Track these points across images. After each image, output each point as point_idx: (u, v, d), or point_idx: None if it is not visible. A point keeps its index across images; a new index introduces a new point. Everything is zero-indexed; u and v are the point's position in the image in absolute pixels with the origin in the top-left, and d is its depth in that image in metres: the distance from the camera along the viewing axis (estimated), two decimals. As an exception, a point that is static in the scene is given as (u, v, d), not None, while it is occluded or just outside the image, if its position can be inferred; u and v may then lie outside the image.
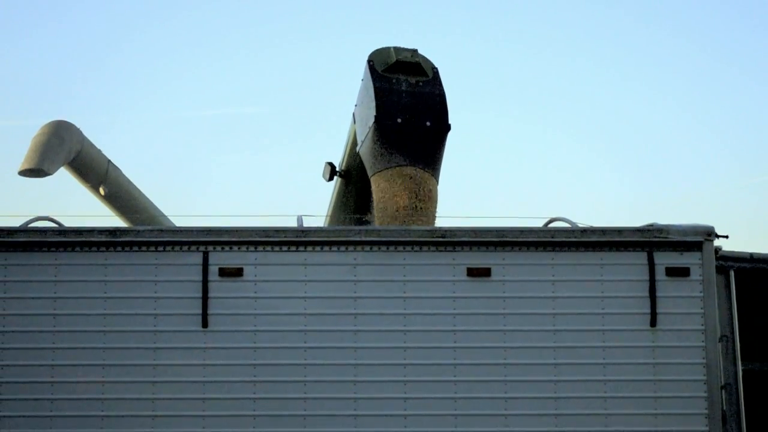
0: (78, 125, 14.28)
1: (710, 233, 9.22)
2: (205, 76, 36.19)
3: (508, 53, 34.63)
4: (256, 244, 9.07)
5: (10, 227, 9.13)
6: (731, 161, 34.59)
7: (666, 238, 9.19)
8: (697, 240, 9.21)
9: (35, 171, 13.64)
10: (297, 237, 9.10)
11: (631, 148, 34.85)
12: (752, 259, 12.30)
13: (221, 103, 36.06)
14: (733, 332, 9.57)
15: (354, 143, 11.92)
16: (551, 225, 9.73)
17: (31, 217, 9.43)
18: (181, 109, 35.57)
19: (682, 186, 33.69)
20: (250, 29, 35.68)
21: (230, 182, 34.23)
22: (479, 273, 9.11)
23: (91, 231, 9.07)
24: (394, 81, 10.92)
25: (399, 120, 10.70)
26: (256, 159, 34.98)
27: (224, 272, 9.04)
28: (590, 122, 34.52)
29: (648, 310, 9.10)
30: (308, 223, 9.43)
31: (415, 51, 11.14)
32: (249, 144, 35.45)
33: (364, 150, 11.17)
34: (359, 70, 11.30)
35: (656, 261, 9.16)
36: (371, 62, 11.04)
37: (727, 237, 9.31)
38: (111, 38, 35.26)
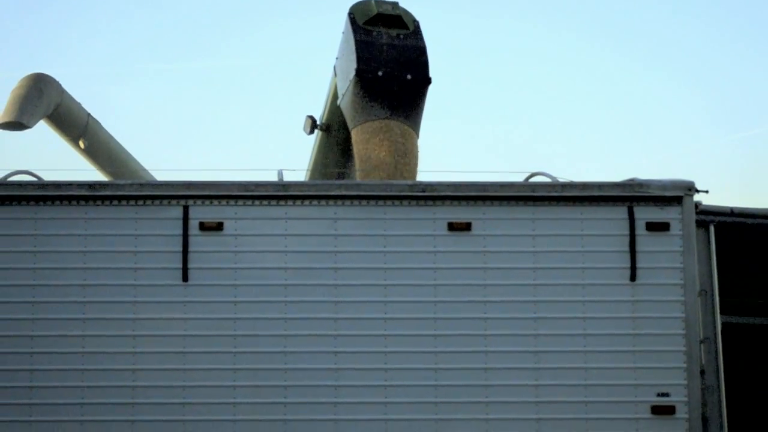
0: (57, 78, 14.21)
1: (690, 188, 9.23)
2: (183, 27, 35.95)
3: (492, 6, 34.47)
4: (236, 198, 9.04)
5: (-11, 181, 9.09)
6: (712, 117, 34.65)
7: (646, 192, 9.20)
8: (677, 195, 9.22)
9: (14, 124, 13.57)
10: (277, 191, 9.07)
11: (613, 103, 34.86)
12: (732, 213, 12.35)
13: (202, 55, 35.88)
14: (712, 286, 9.59)
15: (335, 96, 11.89)
16: (532, 179, 9.72)
17: (10, 171, 9.38)
18: (160, 62, 35.36)
19: (663, 141, 33.73)
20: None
21: (211, 136, 34.13)
22: (460, 227, 9.11)
23: (70, 185, 9.02)
24: (375, 34, 10.88)
25: (380, 73, 10.68)
26: (237, 112, 34.85)
27: (204, 226, 9.01)
28: (572, 77, 34.48)
29: (628, 265, 9.12)
30: (289, 177, 9.39)
31: (396, 4, 11.09)
32: (229, 97, 35.30)
33: (344, 103, 11.14)
34: (340, 23, 11.25)
35: (636, 216, 9.18)
36: (352, 15, 10.98)
37: (707, 192, 9.33)
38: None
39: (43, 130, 14.62)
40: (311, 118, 13.36)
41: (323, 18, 33.35)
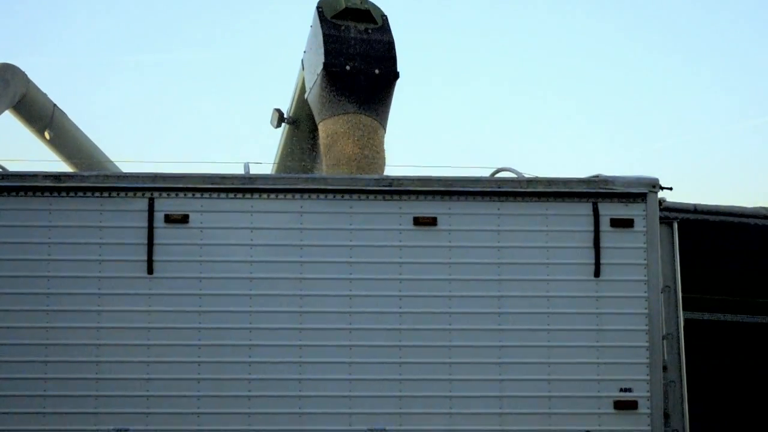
0: (23, 68, 14.14)
1: (655, 185, 9.29)
2: (149, 20, 35.79)
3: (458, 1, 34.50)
4: (202, 190, 9.03)
5: (-48, 171, 9.03)
6: (676, 115, 34.81)
7: (611, 189, 9.26)
8: (641, 191, 9.28)
9: (-21, 114, 13.50)
10: (243, 184, 9.07)
11: (579, 99, 35.00)
12: (696, 210, 12.48)
13: (169, 47, 35.73)
14: (675, 283, 9.66)
15: (302, 90, 11.89)
16: (498, 175, 9.75)
17: (-26, 162, 9.34)
18: (126, 53, 35.18)
19: (628, 139, 33.89)
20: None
21: (177, 128, 34.00)
22: (425, 222, 9.13)
23: (35, 176, 8.98)
24: (343, 28, 10.88)
25: (347, 67, 10.69)
26: (204, 105, 34.73)
27: (170, 218, 9.00)
28: (540, 72, 34.56)
29: (592, 261, 9.17)
30: (255, 170, 9.39)
31: (364, -2, 11.10)
32: (197, 90, 35.16)
33: (312, 97, 11.14)
34: (309, 17, 11.24)
35: (601, 212, 9.23)
36: (320, 8, 10.99)
37: (671, 189, 9.39)
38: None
39: (8, 120, 14.55)
40: (278, 111, 13.35)
41: (292, 11, 33.29)
